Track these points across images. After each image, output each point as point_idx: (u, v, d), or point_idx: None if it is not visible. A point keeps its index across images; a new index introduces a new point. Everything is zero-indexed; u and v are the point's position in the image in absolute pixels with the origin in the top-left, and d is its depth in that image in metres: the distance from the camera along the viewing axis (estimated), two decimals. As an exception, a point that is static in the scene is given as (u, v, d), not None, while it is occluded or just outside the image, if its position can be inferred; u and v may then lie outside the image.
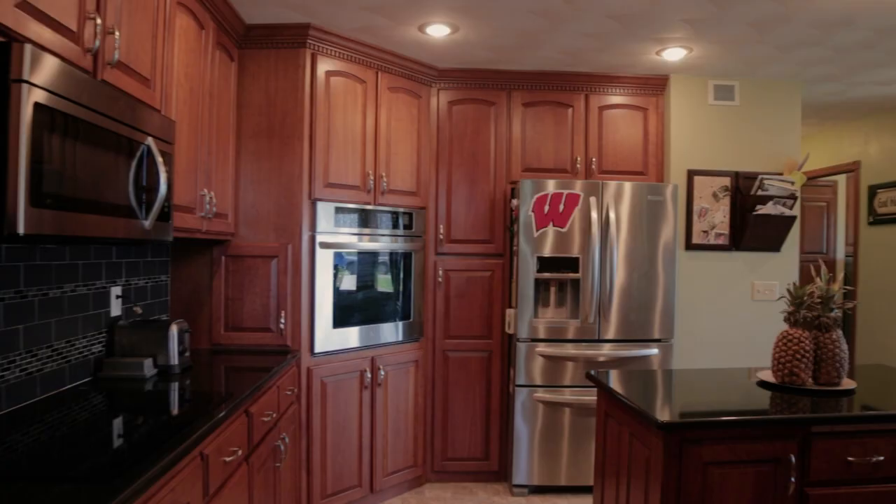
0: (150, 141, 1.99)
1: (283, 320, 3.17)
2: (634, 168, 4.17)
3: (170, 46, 2.30)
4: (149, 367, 2.40)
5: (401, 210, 3.80)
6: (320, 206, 3.33)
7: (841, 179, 6.10)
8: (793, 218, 4.03)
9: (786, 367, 2.51)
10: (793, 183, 3.99)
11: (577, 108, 4.12)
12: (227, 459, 1.96)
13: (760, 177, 3.97)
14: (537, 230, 3.81)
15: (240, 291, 3.18)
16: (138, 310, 2.61)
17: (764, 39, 3.45)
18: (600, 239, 3.80)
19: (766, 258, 4.18)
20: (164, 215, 2.13)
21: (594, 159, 4.13)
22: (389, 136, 3.70)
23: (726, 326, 4.16)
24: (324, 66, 3.33)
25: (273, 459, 2.60)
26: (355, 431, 3.48)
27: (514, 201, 3.91)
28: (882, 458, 2.19)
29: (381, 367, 3.63)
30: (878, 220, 5.08)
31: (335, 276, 3.40)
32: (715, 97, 4.12)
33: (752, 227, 4.02)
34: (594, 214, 3.79)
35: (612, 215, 3.79)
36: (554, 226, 3.81)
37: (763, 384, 2.60)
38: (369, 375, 3.56)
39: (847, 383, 2.53)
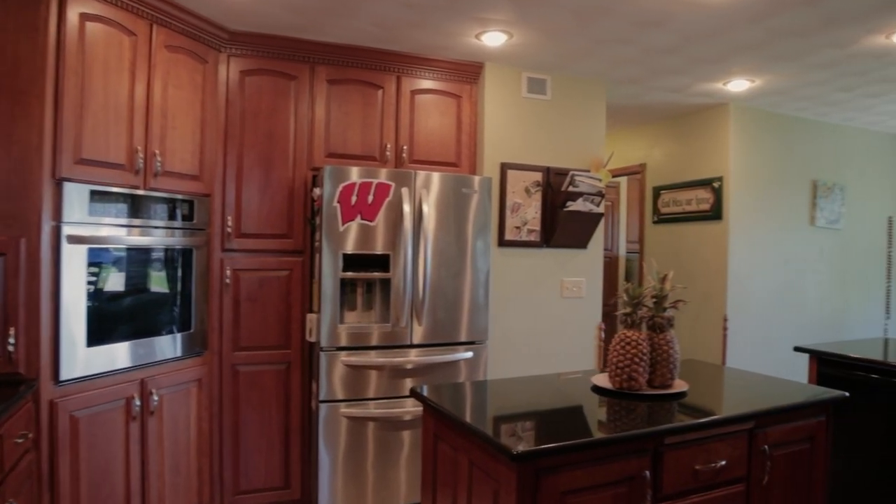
0: None
1: (12, 339, 2.35)
2: (447, 159, 3.89)
3: None
4: None
5: (179, 197, 3.12)
6: (70, 188, 2.55)
7: (623, 181, 6.47)
8: (600, 215, 4.03)
9: (624, 372, 2.35)
10: (600, 180, 3.98)
11: (388, 91, 3.73)
12: None
13: (571, 173, 3.91)
14: (343, 224, 3.35)
15: (-56, 302, 2.31)
16: None
17: (583, 31, 3.34)
18: (412, 234, 3.45)
19: (574, 255, 4.15)
20: None
21: (405, 147, 3.77)
22: (166, 105, 2.99)
23: (538, 325, 4.06)
24: (77, 6, 2.56)
25: (-6, 538, 1.86)
26: (121, 475, 2.74)
27: (317, 190, 3.42)
28: (724, 462, 2.11)
29: (153, 390, 2.92)
30: (661, 219, 5.39)
31: (92, 279, 2.64)
32: (528, 90, 3.99)
33: (562, 223, 3.95)
34: (406, 207, 3.43)
35: (425, 209, 3.46)
36: (362, 219, 3.39)
37: (599, 390, 2.42)
38: (138, 403, 2.83)
39: (679, 384, 2.44)
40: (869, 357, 3.25)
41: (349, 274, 3.38)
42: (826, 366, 3.41)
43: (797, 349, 3.55)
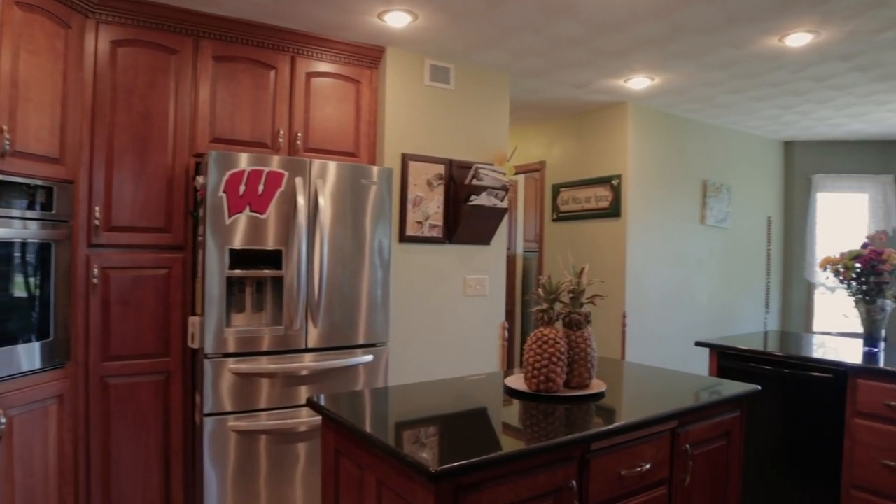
0: None
1: None
2: (345, 148, 3.63)
3: None
4: None
5: (37, 183, 2.69)
6: None
7: (520, 178, 6.44)
8: (504, 210, 3.92)
9: (542, 373, 2.21)
10: (505, 174, 3.87)
11: (281, 72, 3.43)
12: None
13: (476, 166, 3.77)
14: (230, 216, 3.03)
15: None
16: None
17: (491, 15, 3.20)
18: (307, 228, 3.18)
19: (477, 251, 4.02)
20: None
21: (300, 134, 3.48)
22: (17, 73, 2.55)
23: (441, 325, 3.88)
24: None
25: None
26: (-46, 514, 2.31)
27: (200, 179, 3.07)
28: (649, 465, 2.01)
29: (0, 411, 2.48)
30: (560, 216, 5.38)
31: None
32: (431, 78, 3.81)
33: (465, 218, 3.80)
34: (301, 199, 3.14)
35: (321, 201, 3.19)
36: (251, 211, 3.07)
37: (515, 393, 2.26)
38: (-20, 425, 2.40)
39: (597, 384, 2.33)
40: (761, 349, 3.32)
41: (237, 272, 3.06)
42: (724, 359, 3.46)
43: (698, 344, 3.58)
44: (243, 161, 3.02)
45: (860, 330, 3.50)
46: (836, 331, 5.90)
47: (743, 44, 3.54)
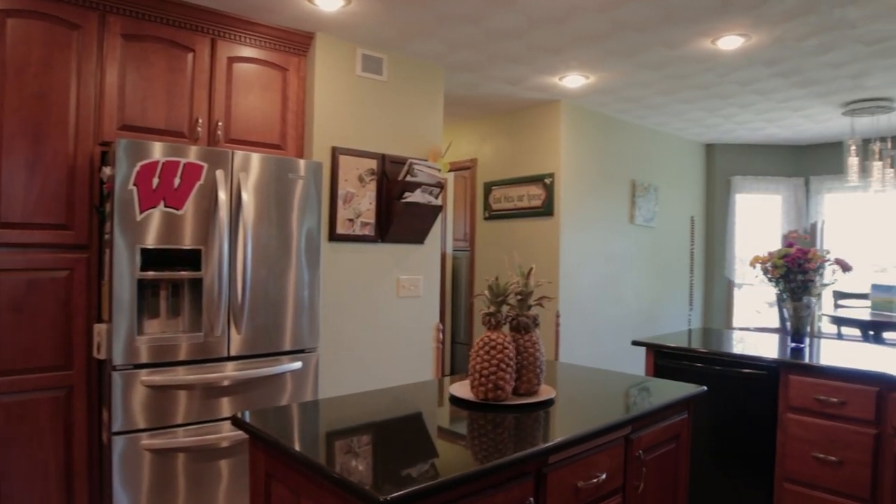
0: None
1: None
2: (270, 140, 3.39)
3: None
4: None
5: None
6: None
7: (450, 176, 6.31)
8: (439, 208, 3.78)
9: (490, 381, 2.07)
10: (440, 170, 3.72)
11: (200, 55, 3.15)
12: None
13: (410, 161, 3.60)
14: (142, 211, 2.74)
15: None
16: None
17: (427, 1, 3.03)
18: (229, 225, 2.93)
19: (411, 251, 3.85)
20: None
21: (220, 123, 3.21)
22: None
23: (373, 329, 3.69)
24: None
25: None
26: None
27: (107, 170, 2.76)
28: (605, 475, 1.90)
29: None
30: (493, 215, 5.29)
31: None
32: (363, 68, 3.62)
33: (399, 216, 3.62)
34: (222, 194, 2.89)
35: (244, 196, 2.95)
36: (166, 206, 2.79)
37: (461, 403, 2.11)
38: None
39: (546, 390, 2.22)
40: (697, 347, 3.32)
41: (150, 273, 2.77)
42: (660, 357, 3.44)
43: (635, 343, 3.54)
44: (157, 151, 2.74)
45: (774, 325, 3.56)
46: (752, 326, 6.09)
47: (677, 44, 3.53)
